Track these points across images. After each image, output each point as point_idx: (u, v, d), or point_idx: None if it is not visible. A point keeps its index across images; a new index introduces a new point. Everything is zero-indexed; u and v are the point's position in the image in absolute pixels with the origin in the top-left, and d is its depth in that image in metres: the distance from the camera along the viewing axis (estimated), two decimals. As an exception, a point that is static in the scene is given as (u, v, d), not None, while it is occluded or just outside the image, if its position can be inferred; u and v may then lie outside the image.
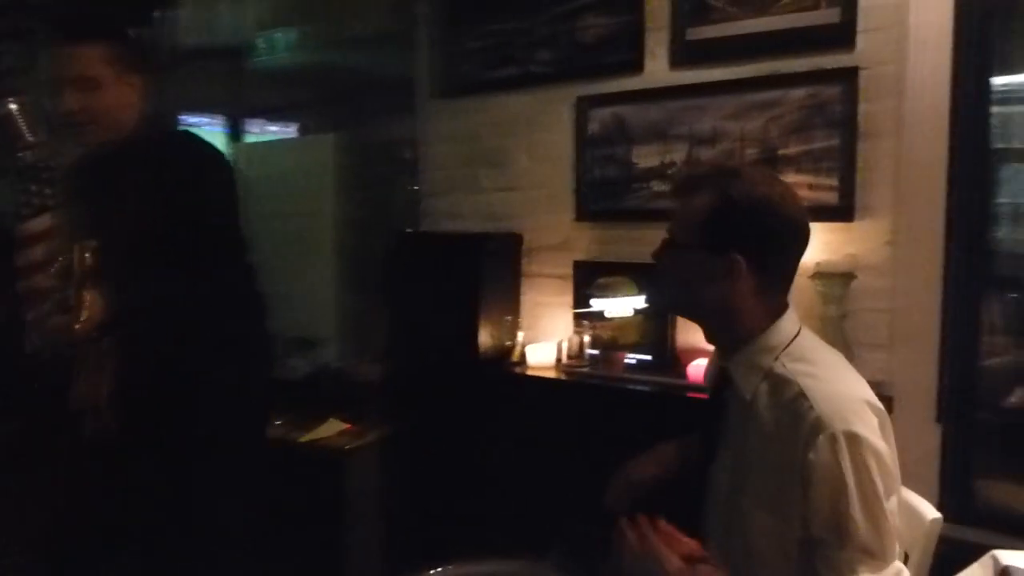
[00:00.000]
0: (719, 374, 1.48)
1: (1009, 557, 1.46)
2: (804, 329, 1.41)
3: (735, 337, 1.39)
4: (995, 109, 2.15)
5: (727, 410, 1.44)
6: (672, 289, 1.45)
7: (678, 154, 2.51)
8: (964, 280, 2.17)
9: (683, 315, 1.47)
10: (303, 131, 4.35)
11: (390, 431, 2.88)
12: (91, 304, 1.61)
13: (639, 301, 2.55)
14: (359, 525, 2.85)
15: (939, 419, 2.21)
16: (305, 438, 2.98)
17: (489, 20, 2.90)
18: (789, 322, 1.39)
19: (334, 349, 3.55)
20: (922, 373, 2.20)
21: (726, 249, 1.33)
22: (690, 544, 1.28)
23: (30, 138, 1.74)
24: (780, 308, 1.39)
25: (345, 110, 3.86)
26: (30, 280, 1.69)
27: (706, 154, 2.46)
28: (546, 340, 2.72)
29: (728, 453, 1.43)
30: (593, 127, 2.67)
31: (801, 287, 2.21)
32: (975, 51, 2.14)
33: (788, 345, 1.36)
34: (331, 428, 3.06)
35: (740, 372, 1.39)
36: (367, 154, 3.50)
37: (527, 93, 2.83)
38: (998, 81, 2.15)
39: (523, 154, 2.87)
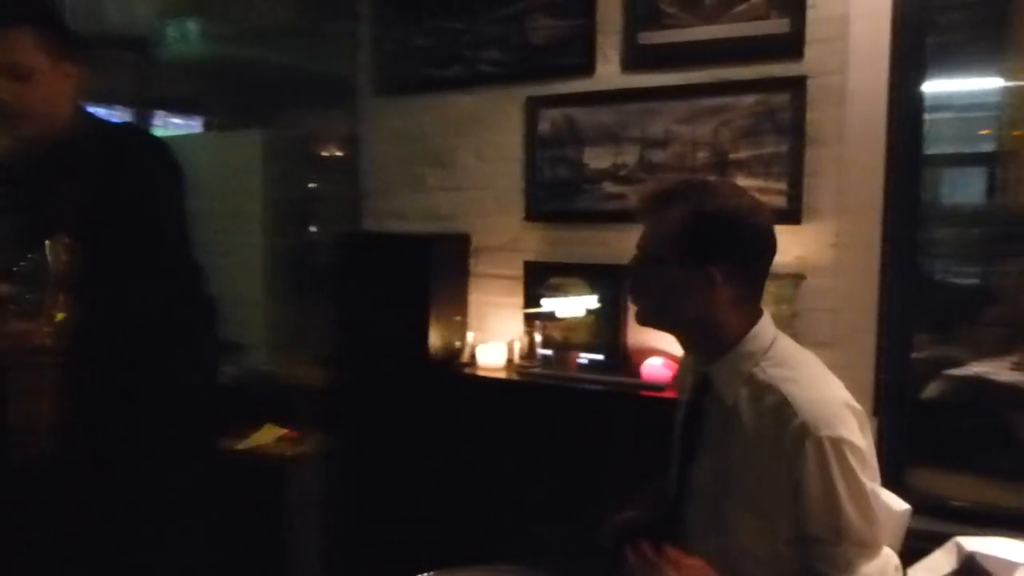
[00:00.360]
0: (698, 380, 1.51)
1: (972, 544, 1.55)
2: (780, 333, 1.45)
3: (714, 346, 1.43)
4: (928, 116, 2.29)
5: (706, 415, 1.47)
6: (649, 302, 1.46)
7: (630, 156, 2.55)
8: (898, 280, 2.29)
9: (661, 328, 1.49)
10: (207, 126, 4.19)
11: (334, 436, 2.80)
12: (65, 307, 1.49)
13: (591, 301, 2.57)
14: (304, 534, 2.76)
15: (875, 413, 2.32)
16: (242, 445, 2.86)
17: (434, 17, 2.86)
18: (766, 327, 1.43)
19: (263, 353, 3.43)
20: (862, 368, 2.31)
21: (702, 262, 1.36)
22: (691, 561, 1.31)
23: None
24: (756, 314, 1.43)
25: (269, 106, 3.75)
26: None
27: (657, 156, 2.50)
28: (496, 341, 2.71)
29: (708, 456, 1.46)
30: (544, 128, 2.68)
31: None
32: (910, 62, 2.27)
33: (767, 350, 1.40)
34: (268, 434, 2.96)
35: (721, 379, 1.42)
36: (295, 151, 3.41)
37: (475, 93, 2.81)
38: (930, 90, 2.28)
39: (470, 154, 2.85)
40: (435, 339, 2.66)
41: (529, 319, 2.66)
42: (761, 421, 1.34)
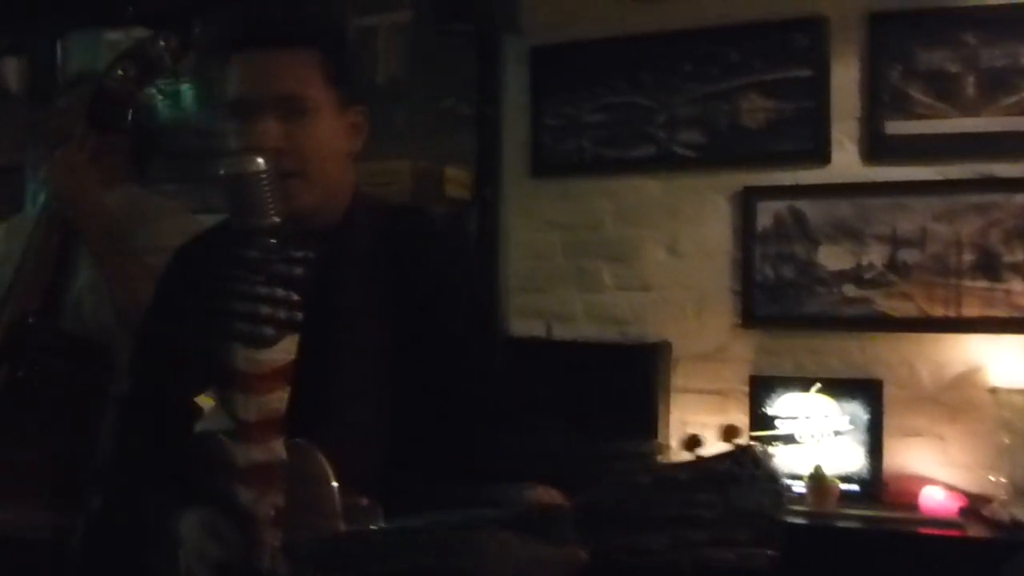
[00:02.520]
0: None
1: None
2: None
3: None
4: None
5: None
6: None
7: (876, 256, 2.27)
8: None
9: None
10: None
11: None
12: None
13: (840, 422, 2.23)
14: None
15: None
16: None
17: (613, 92, 2.49)
18: None
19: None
20: None
21: None
22: None
23: (273, 212, 1.05)
24: None
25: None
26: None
27: (912, 257, 2.24)
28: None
29: None
30: (764, 221, 2.35)
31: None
32: None
33: None
34: None
35: None
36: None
37: (668, 178, 2.45)
38: None
39: (661, 248, 2.46)
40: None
41: (759, 443, 2.27)
42: None
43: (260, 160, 1.05)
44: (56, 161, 1.62)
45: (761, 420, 2.29)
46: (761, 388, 2.32)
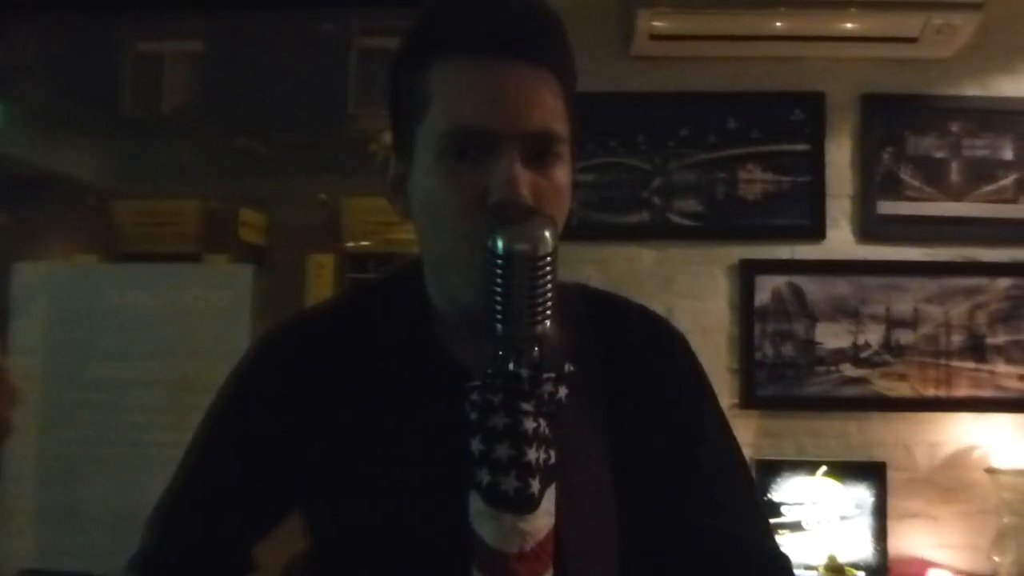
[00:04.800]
0: None
1: None
2: None
3: None
4: None
5: None
6: None
7: (872, 335, 2.25)
8: None
9: None
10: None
11: None
12: None
13: (845, 506, 2.17)
14: None
15: None
16: None
17: (606, 152, 2.31)
18: None
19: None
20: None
21: None
22: None
23: (550, 312, 0.75)
24: None
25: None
26: None
27: (905, 337, 2.25)
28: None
29: None
30: (763, 297, 2.27)
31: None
32: None
33: None
34: None
35: None
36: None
37: (664, 247, 2.30)
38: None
39: (655, 321, 2.29)
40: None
41: (769, 532, 2.14)
42: None
43: (549, 235, 0.74)
44: None
45: (768, 507, 2.17)
46: (766, 472, 2.20)
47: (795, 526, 2.16)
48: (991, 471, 2.15)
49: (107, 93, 2.78)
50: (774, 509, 2.16)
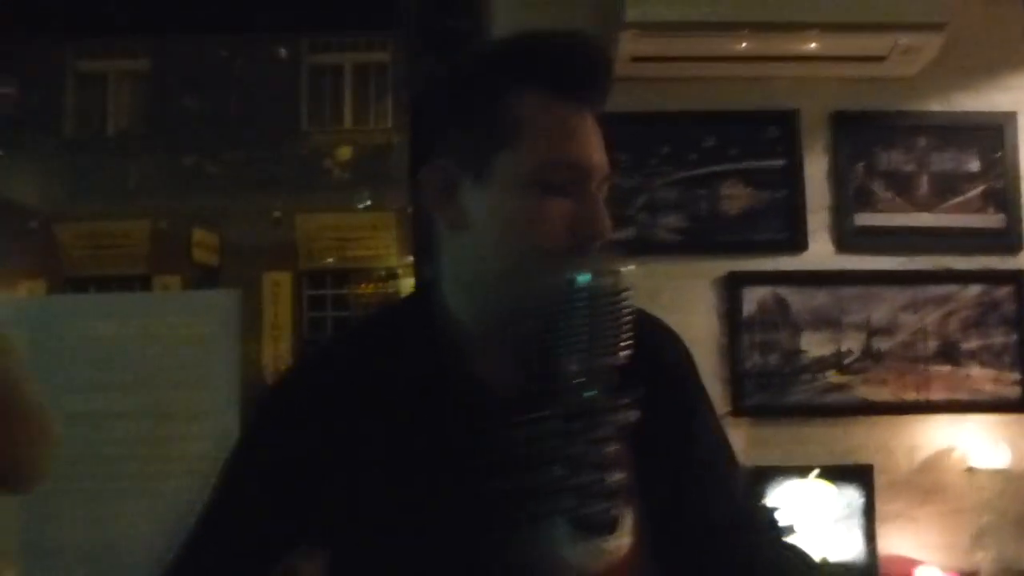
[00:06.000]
0: None
1: None
2: None
3: None
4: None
5: None
6: None
7: (854, 343, 2.33)
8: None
9: None
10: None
11: None
12: None
13: (834, 509, 2.22)
14: None
15: None
16: None
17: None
18: None
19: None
20: None
21: None
22: None
23: (625, 345, 0.80)
24: None
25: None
26: None
27: (885, 344, 2.33)
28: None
29: None
30: (750, 308, 2.33)
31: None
32: None
33: None
34: None
35: None
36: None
37: (650, 263, 2.34)
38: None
39: (644, 335, 2.33)
40: None
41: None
42: None
43: (623, 272, 0.78)
44: None
45: (764, 510, 2.21)
46: (759, 479, 2.25)
47: (788, 530, 2.20)
48: (971, 470, 2.23)
49: (49, 114, 2.74)
50: (769, 513, 2.20)
